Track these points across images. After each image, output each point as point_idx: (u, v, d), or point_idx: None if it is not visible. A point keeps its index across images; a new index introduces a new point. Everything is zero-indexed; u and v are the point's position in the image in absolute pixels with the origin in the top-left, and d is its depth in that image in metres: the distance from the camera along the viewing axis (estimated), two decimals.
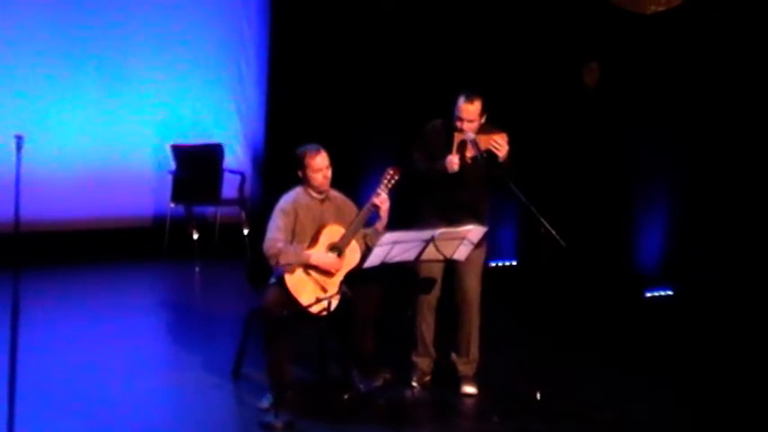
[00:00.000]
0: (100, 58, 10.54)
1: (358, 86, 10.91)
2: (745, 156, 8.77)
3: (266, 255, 6.40)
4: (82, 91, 10.50)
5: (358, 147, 10.70)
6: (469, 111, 6.53)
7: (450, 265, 6.71)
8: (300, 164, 6.52)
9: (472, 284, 6.80)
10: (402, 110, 10.38)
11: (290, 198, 6.56)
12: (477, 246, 6.60)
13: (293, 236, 6.48)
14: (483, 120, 6.61)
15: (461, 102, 6.55)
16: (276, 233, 6.42)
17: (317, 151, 6.51)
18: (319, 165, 6.49)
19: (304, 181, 6.56)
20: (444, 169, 6.52)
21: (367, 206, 6.52)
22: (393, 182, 6.50)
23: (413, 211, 6.81)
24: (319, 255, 6.41)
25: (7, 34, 10.10)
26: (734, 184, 8.85)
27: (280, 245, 6.36)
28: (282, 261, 6.35)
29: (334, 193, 6.65)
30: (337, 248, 6.46)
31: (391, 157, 8.98)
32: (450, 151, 6.55)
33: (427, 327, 6.88)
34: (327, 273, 6.43)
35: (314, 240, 6.46)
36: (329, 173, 6.53)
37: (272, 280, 6.51)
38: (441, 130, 6.72)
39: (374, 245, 6.28)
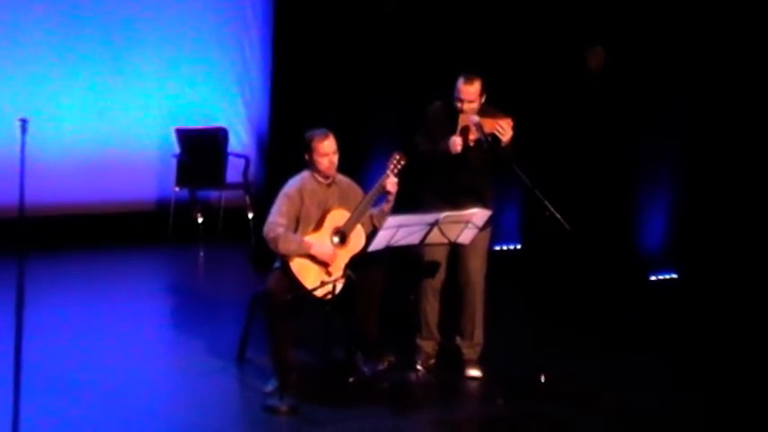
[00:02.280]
0: (104, 42, 10.52)
1: (362, 71, 10.89)
2: (749, 139, 8.76)
3: (265, 237, 6.38)
4: (86, 74, 10.49)
5: (362, 131, 10.68)
6: (469, 91, 6.54)
7: (455, 248, 6.72)
8: (308, 148, 6.50)
9: (475, 266, 6.81)
10: (407, 94, 10.37)
11: (296, 183, 6.54)
12: (482, 228, 6.61)
13: (298, 222, 6.47)
14: (483, 100, 6.61)
15: (461, 83, 6.56)
16: (278, 217, 6.41)
17: (325, 136, 6.49)
18: (326, 149, 6.47)
19: (310, 165, 6.54)
20: (447, 150, 6.52)
21: (373, 190, 6.50)
22: (399, 167, 6.50)
23: (415, 194, 6.81)
24: (320, 245, 6.39)
25: (12, 18, 10.09)
26: (738, 168, 8.84)
27: (280, 230, 6.35)
28: (282, 249, 6.34)
29: (340, 177, 6.64)
30: (342, 233, 6.46)
31: (396, 141, 8.99)
32: (452, 133, 6.55)
33: (431, 310, 6.89)
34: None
35: (319, 224, 6.46)
36: (336, 158, 6.52)
37: (277, 264, 6.51)
38: (441, 111, 6.72)
39: (381, 225, 6.29)
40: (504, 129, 6.47)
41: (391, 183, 6.48)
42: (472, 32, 10.16)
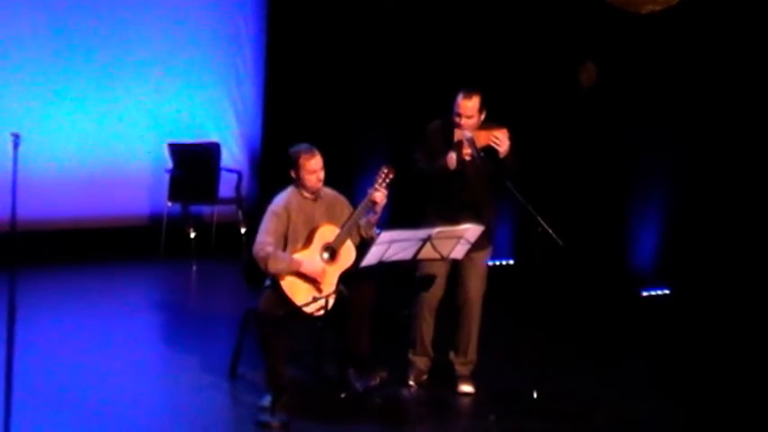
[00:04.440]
0: (97, 57, 10.53)
1: (354, 85, 10.91)
2: (740, 154, 8.77)
3: (255, 257, 6.38)
4: (79, 89, 10.50)
5: (354, 145, 10.69)
6: (467, 107, 6.54)
7: (456, 266, 6.72)
8: (294, 164, 6.50)
9: (475, 285, 6.80)
10: (399, 109, 10.38)
11: (282, 200, 6.54)
12: (483, 247, 6.64)
13: (286, 240, 6.47)
14: (482, 116, 6.61)
15: (460, 98, 6.56)
16: (266, 236, 6.40)
17: (312, 154, 6.50)
18: (314, 167, 6.48)
19: (297, 182, 6.54)
20: (445, 166, 6.52)
21: (362, 205, 6.50)
22: (387, 181, 6.50)
23: (416, 213, 6.81)
24: (309, 263, 6.39)
25: (4, 32, 10.10)
26: (730, 183, 8.85)
27: (269, 248, 6.34)
28: (272, 268, 6.33)
29: (326, 190, 6.64)
30: (331, 249, 6.45)
31: (387, 155, 9.00)
32: (450, 149, 6.55)
33: (427, 327, 6.87)
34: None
35: (308, 241, 6.45)
36: (322, 174, 6.53)
37: (268, 282, 6.50)
38: (440, 129, 6.73)
39: (369, 236, 6.30)
40: (499, 140, 6.48)
41: (379, 195, 6.48)
42: (463, 49, 10.17)
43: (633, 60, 9.35)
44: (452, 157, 6.50)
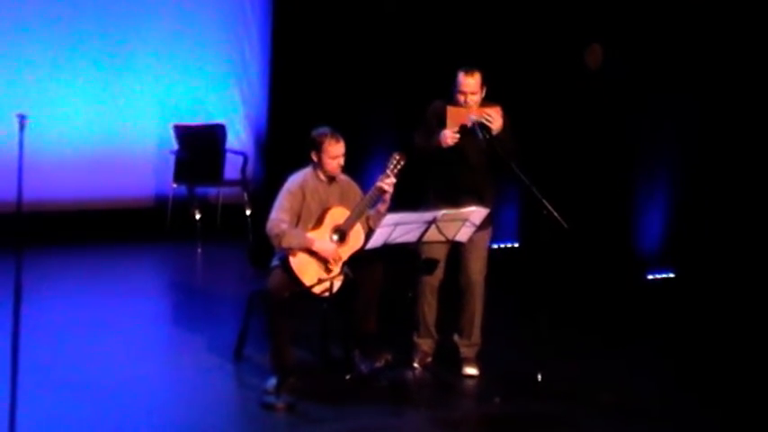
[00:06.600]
0: (102, 38, 10.51)
1: (361, 68, 10.89)
2: (748, 138, 8.76)
3: (269, 234, 6.40)
4: (85, 71, 10.48)
5: (360, 129, 10.67)
6: (470, 83, 6.54)
7: (456, 248, 6.72)
8: (317, 147, 6.51)
9: (477, 267, 6.81)
10: (405, 92, 10.36)
11: (298, 179, 6.56)
12: (483, 228, 6.63)
13: (299, 218, 6.49)
14: (483, 94, 6.61)
15: (461, 76, 6.56)
16: (281, 213, 6.43)
17: (337, 139, 6.51)
18: (337, 152, 6.50)
19: (317, 164, 6.55)
20: (438, 143, 6.51)
21: (373, 190, 6.51)
22: (399, 167, 6.49)
23: (417, 195, 6.81)
24: (321, 242, 6.41)
25: (10, 15, 10.08)
26: (736, 167, 8.84)
27: (283, 226, 6.37)
28: (285, 244, 6.36)
29: (341, 177, 6.65)
30: (341, 231, 6.46)
31: (395, 140, 8.99)
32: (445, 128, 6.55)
33: (429, 309, 6.88)
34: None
35: (319, 222, 6.47)
36: (343, 161, 6.55)
37: (275, 262, 6.51)
38: (439, 108, 6.71)
39: (376, 226, 6.30)
40: (491, 117, 6.48)
41: (389, 183, 6.48)
42: (471, 30, 10.15)
43: (640, 42, 9.33)
44: (445, 135, 6.48)
